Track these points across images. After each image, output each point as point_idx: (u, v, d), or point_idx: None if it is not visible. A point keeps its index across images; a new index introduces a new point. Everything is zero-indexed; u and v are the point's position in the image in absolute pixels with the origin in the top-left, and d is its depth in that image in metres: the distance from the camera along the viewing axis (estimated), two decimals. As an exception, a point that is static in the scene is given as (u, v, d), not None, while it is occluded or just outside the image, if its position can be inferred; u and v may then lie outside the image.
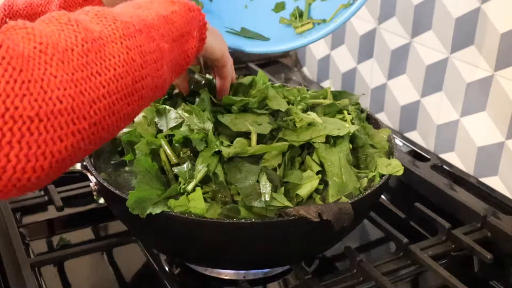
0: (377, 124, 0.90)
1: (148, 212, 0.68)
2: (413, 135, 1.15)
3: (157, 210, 0.67)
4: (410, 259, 0.82)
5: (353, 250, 0.80)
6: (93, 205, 0.95)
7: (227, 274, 0.82)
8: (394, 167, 0.78)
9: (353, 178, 0.73)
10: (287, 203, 0.68)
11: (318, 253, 0.84)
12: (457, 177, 1.02)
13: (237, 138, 0.72)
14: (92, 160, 0.81)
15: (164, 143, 0.74)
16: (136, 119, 0.79)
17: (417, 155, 1.10)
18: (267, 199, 0.67)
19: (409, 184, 1.00)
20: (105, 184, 0.73)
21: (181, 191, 0.71)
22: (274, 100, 0.81)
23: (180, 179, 0.72)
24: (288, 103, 0.83)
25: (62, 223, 0.94)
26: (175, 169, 0.73)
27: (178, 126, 0.75)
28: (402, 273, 0.82)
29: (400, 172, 0.78)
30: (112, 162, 0.81)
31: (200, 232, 0.69)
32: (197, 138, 0.71)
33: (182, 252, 0.77)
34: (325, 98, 0.90)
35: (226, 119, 0.73)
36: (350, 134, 0.77)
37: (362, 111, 0.91)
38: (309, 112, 0.79)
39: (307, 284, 0.75)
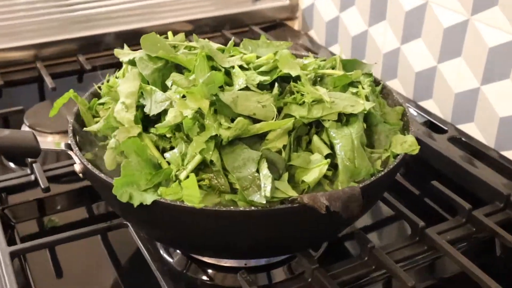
0: (392, 98, 0.81)
1: (138, 201, 0.61)
2: (428, 104, 1.07)
3: (148, 200, 0.60)
4: (427, 245, 0.75)
5: (364, 235, 0.73)
6: (83, 183, 0.88)
7: (227, 261, 0.75)
8: (410, 145, 0.70)
9: (366, 163, 0.66)
10: (292, 193, 0.61)
11: (324, 241, 0.77)
12: (477, 150, 0.94)
13: (238, 118, 0.64)
14: (77, 138, 0.74)
15: (150, 145, 0.66)
16: (116, 108, 0.70)
17: (433, 126, 1.02)
18: (268, 194, 0.59)
19: (424, 159, 0.92)
20: (89, 167, 0.66)
21: (173, 178, 0.64)
22: (286, 63, 0.73)
23: (172, 166, 0.65)
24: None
25: (50, 204, 0.88)
26: (167, 155, 0.66)
27: (166, 111, 0.67)
28: (417, 259, 0.75)
29: (416, 151, 0.70)
30: (99, 143, 0.74)
31: (195, 222, 0.62)
32: (189, 123, 0.64)
33: (176, 242, 0.71)
34: (333, 67, 0.82)
35: (227, 97, 0.65)
36: (365, 112, 0.69)
37: (377, 83, 0.83)
38: (317, 87, 0.71)
39: (314, 274, 0.69)
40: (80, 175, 0.72)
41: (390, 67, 1.14)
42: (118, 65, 0.84)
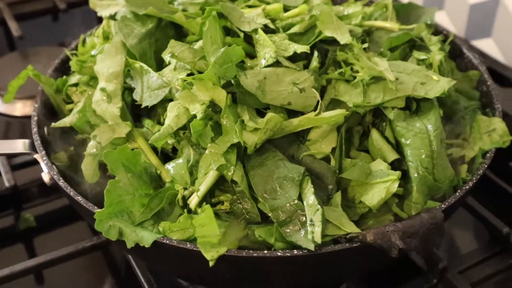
0: (461, 56, 0.62)
1: (132, 241, 0.43)
2: (485, 44, 0.86)
3: (147, 240, 0.43)
4: None
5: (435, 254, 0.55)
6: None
7: None
8: (500, 134, 0.52)
9: (449, 173, 0.47)
10: (350, 227, 0.43)
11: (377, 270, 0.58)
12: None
13: (269, 114, 0.45)
14: (45, 132, 0.55)
15: (145, 148, 0.48)
16: (94, 97, 0.51)
17: (494, 75, 0.81)
18: (318, 240, 0.41)
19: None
20: (61, 184, 0.48)
21: (179, 203, 0.46)
22: (328, 22, 0.52)
23: (175, 184, 0.46)
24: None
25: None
26: (169, 166, 0.47)
27: (164, 100, 0.48)
28: (500, 278, 0.57)
29: (507, 143, 0.52)
30: (77, 136, 0.54)
31: (215, 269, 0.44)
32: (199, 126, 0.44)
33: (188, 279, 0.53)
34: (383, 16, 0.61)
35: (251, 81, 0.46)
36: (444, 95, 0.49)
37: (438, 32, 0.63)
38: (374, 58, 0.51)
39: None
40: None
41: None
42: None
